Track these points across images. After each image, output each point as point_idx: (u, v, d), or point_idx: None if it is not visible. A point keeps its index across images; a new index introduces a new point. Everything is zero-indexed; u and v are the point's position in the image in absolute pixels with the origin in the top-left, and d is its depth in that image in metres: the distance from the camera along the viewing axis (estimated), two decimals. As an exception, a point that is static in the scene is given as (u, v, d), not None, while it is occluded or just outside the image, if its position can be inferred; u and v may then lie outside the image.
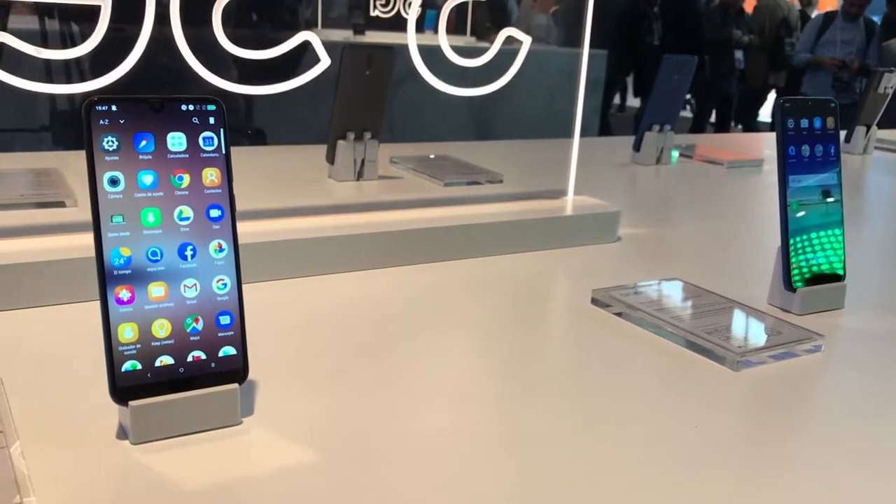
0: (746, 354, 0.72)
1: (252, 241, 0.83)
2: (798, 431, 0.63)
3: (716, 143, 2.03)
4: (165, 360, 0.53)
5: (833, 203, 0.85)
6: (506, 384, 0.67)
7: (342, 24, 3.56)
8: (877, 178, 1.85)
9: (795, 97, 0.84)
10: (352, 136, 1.24)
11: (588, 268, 1.00)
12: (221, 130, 0.54)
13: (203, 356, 0.54)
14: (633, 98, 6.27)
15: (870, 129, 1.96)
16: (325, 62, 0.90)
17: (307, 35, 0.90)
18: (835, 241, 0.86)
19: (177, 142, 0.53)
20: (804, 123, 0.83)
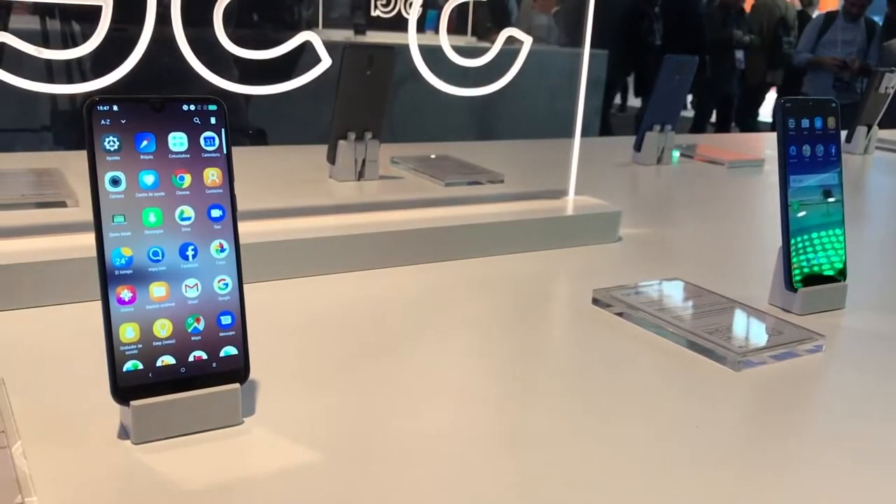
0: (747, 354, 0.72)
1: (253, 241, 0.83)
2: (799, 431, 0.63)
3: (717, 143, 2.03)
4: (167, 360, 0.53)
5: (834, 203, 0.85)
6: (507, 384, 0.67)
7: (343, 24, 3.56)
8: (878, 178, 1.85)
9: (796, 97, 0.84)
10: (353, 136, 1.24)
11: (589, 268, 1.00)
12: (223, 130, 0.55)
13: (204, 356, 0.54)
14: (634, 98, 6.27)
15: (871, 129, 1.96)
16: (326, 62, 0.90)
17: (308, 35, 0.90)
18: (836, 242, 0.86)
19: (178, 142, 0.53)
20: (805, 123, 0.83)
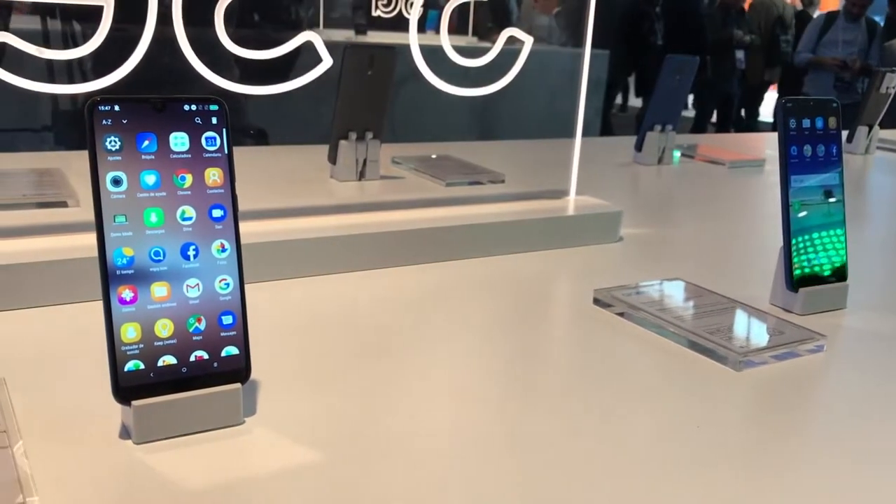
0: (748, 354, 0.72)
1: (254, 241, 0.83)
2: (800, 431, 0.63)
3: (717, 143, 2.03)
4: (168, 360, 0.53)
5: (835, 203, 0.85)
6: (508, 384, 0.67)
7: (344, 24, 3.56)
8: (879, 178, 1.85)
9: (797, 97, 0.84)
10: (354, 136, 1.24)
11: (590, 268, 1.00)
12: (224, 130, 0.55)
13: (206, 356, 0.54)
14: (635, 98, 6.27)
15: (872, 129, 1.96)
16: (327, 62, 0.90)
17: (309, 35, 0.90)
18: (837, 242, 0.86)
19: (179, 142, 0.53)
20: (806, 123, 0.83)
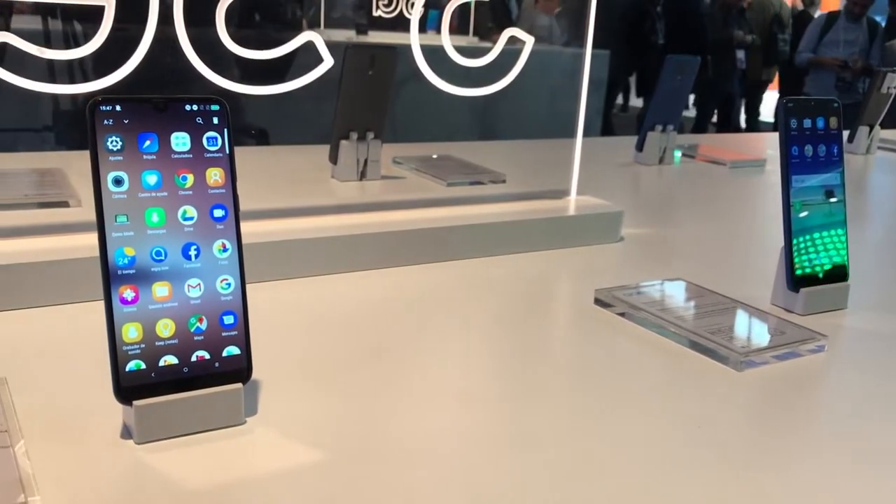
0: (750, 354, 0.72)
1: (255, 241, 0.83)
2: (801, 431, 0.63)
3: (718, 143, 2.03)
4: (169, 360, 0.53)
5: (836, 203, 0.85)
6: (509, 384, 0.67)
7: (345, 24, 3.56)
8: (880, 178, 1.85)
9: (798, 97, 0.84)
10: (355, 136, 1.24)
11: (591, 268, 1.00)
12: (225, 130, 0.55)
13: (207, 356, 0.54)
14: (636, 98, 6.27)
15: (873, 129, 1.96)
16: (328, 62, 0.90)
17: (310, 35, 0.90)
18: (838, 242, 0.86)
19: (181, 142, 0.53)
20: (807, 123, 0.83)
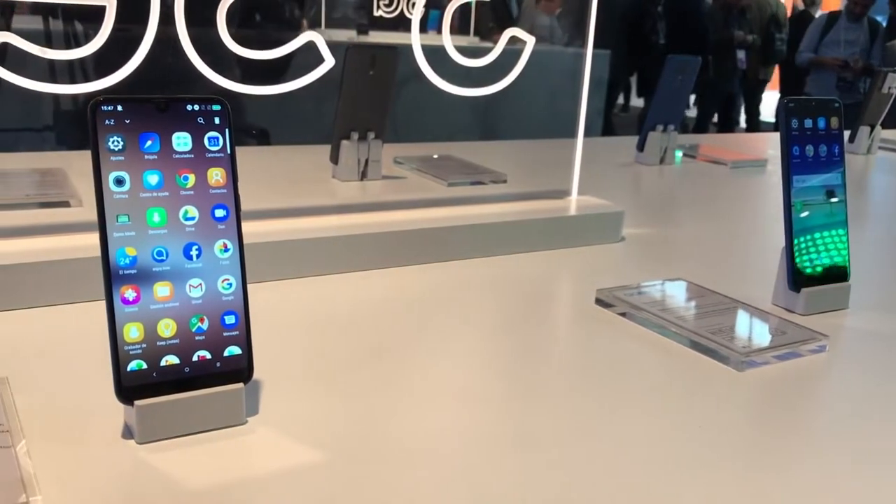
0: (751, 354, 0.72)
1: (256, 241, 0.83)
2: (802, 431, 0.63)
3: (719, 143, 2.03)
4: (171, 360, 0.53)
5: (837, 203, 0.85)
6: (510, 384, 0.67)
7: (346, 24, 3.56)
8: (881, 178, 1.85)
9: (799, 97, 0.84)
10: (355, 136, 1.24)
11: (592, 268, 1.00)
12: (227, 130, 0.55)
13: (208, 356, 0.54)
14: (637, 98, 6.27)
15: (874, 129, 1.96)
16: (329, 62, 0.90)
17: (311, 35, 0.90)
18: (839, 242, 0.86)
19: (182, 142, 0.53)
20: (808, 123, 0.83)
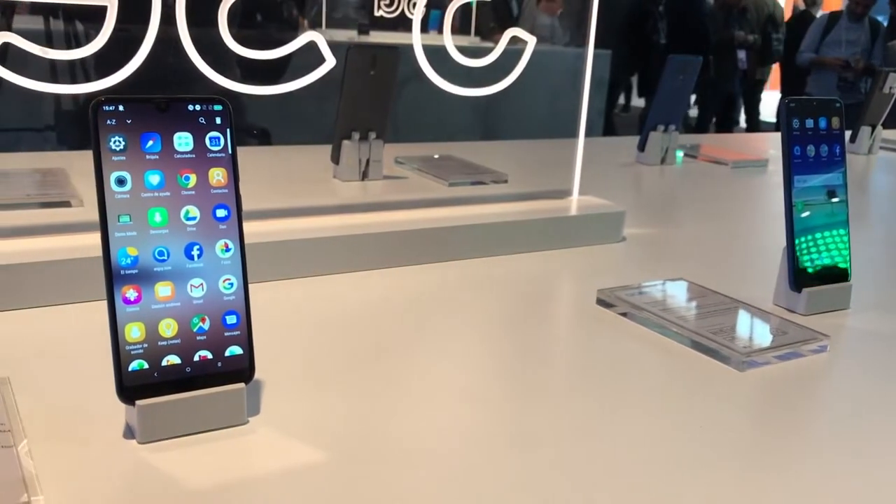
0: (752, 355, 0.72)
1: (258, 241, 0.83)
2: (803, 431, 0.63)
3: (720, 144, 2.03)
4: (172, 360, 0.53)
5: (838, 203, 0.85)
6: (511, 384, 0.67)
7: (347, 24, 3.56)
8: (882, 178, 1.85)
9: (801, 97, 0.84)
10: (356, 136, 1.24)
11: (593, 268, 1.00)
12: (228, 130, 0.55)
13: (209, 356, 0.54)
14: (638, 98, 6.27)
15: (875, 129, 1.96)
16: (331, 62, 0.90)
17: (312, 35, 0.90)
18: (840, 242, 0.86)
19: (183, 142, 0.53)
20: (809, 123, 0.83)
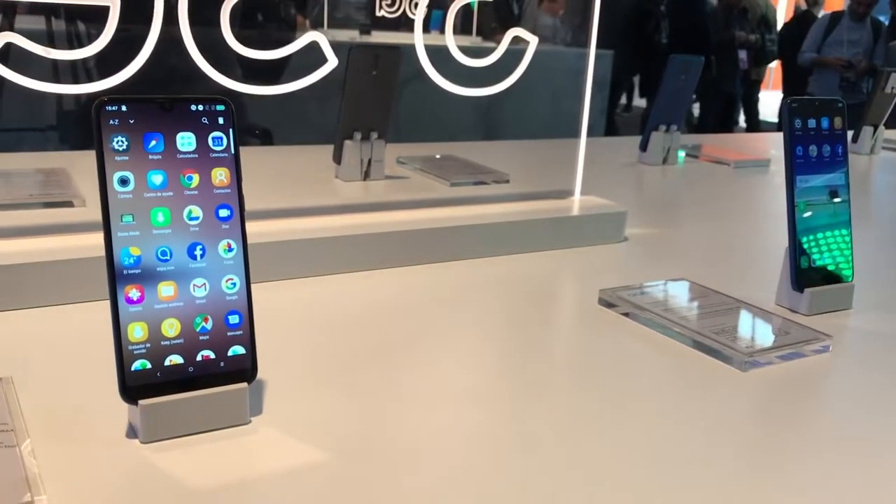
0: (754, 355, 0.72)
1: (260, 241, 0.83)
2: (805, 432, 0.63)
3: (722, 144, 2.03)
4: (175, 360, 0.53)
5: (840, 203, 0.85)
6: (512, 384, 0.67)
7: (348, 25, 3.56)
8: (884, 178, 1.85)
9: (803, 97, 0.84)
10: (358, 136, 1.24)
11: (595, 268, 1.00)
12: (231, 130, 0.55)
13: (212, 355, 0.54)
14: (640, 98, 6.26)
15: (877, 129, 1.95)
16: (332, 62, 0.90)
17: (314, 35, 0.90)
18: (842, 242, 0.86)
19: (186, 142, 0.53)
20: (811, 123, 0.83)
